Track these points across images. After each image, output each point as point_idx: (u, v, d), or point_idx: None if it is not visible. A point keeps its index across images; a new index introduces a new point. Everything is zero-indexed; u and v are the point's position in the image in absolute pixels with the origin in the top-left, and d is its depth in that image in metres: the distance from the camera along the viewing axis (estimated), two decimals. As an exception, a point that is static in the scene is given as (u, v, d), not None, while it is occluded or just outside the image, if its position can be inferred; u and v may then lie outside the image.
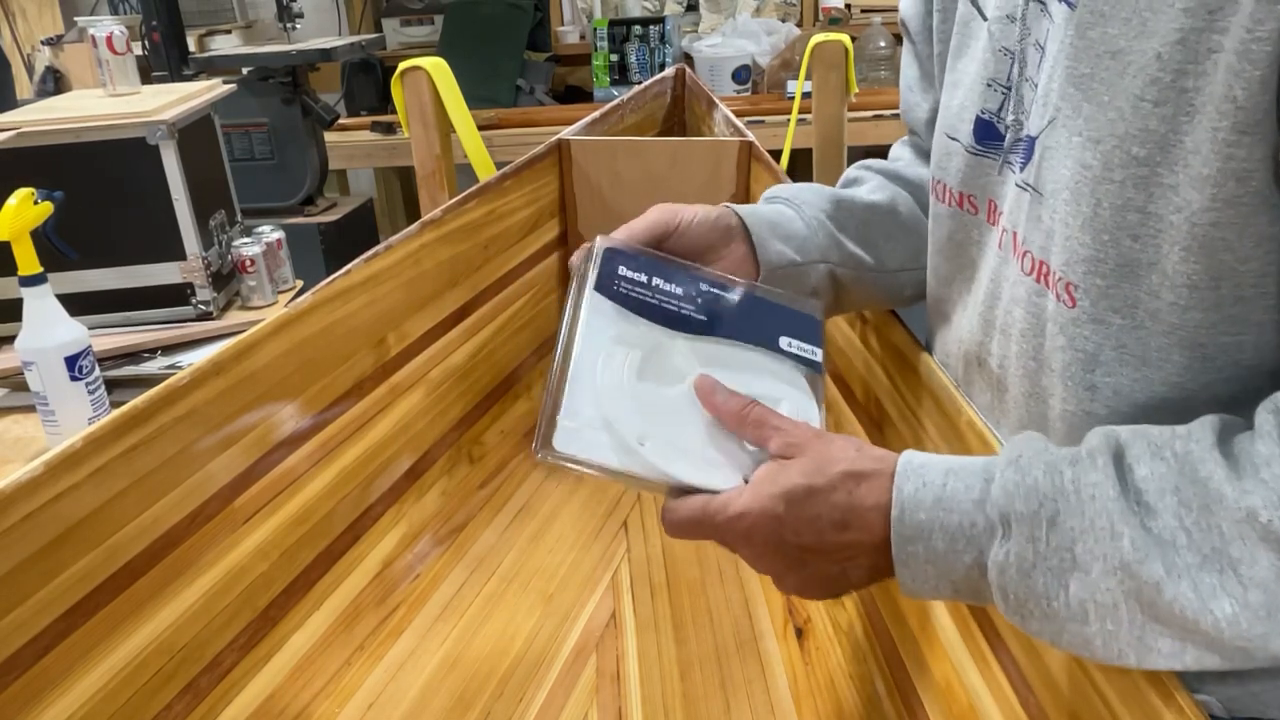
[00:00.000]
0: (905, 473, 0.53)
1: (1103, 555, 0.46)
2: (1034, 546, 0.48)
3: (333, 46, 2.29)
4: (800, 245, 0.75)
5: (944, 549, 0.51)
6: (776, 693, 0.90)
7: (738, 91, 2.81)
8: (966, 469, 0.53)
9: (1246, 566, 0.43)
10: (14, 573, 0.64)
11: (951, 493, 0.52)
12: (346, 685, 0.91)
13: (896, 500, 0.53)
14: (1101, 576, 0.46)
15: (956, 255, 0.72)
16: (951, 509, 0.51)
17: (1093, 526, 0.46)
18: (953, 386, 0.74)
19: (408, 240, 1.08)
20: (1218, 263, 0.49)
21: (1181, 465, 0.46)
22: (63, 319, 1.08)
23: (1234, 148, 0.46)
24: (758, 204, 0.80)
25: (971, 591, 0.52)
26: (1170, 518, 0.45)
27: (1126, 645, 0.47)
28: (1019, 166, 0.61)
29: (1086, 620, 0.47)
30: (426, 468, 1.13)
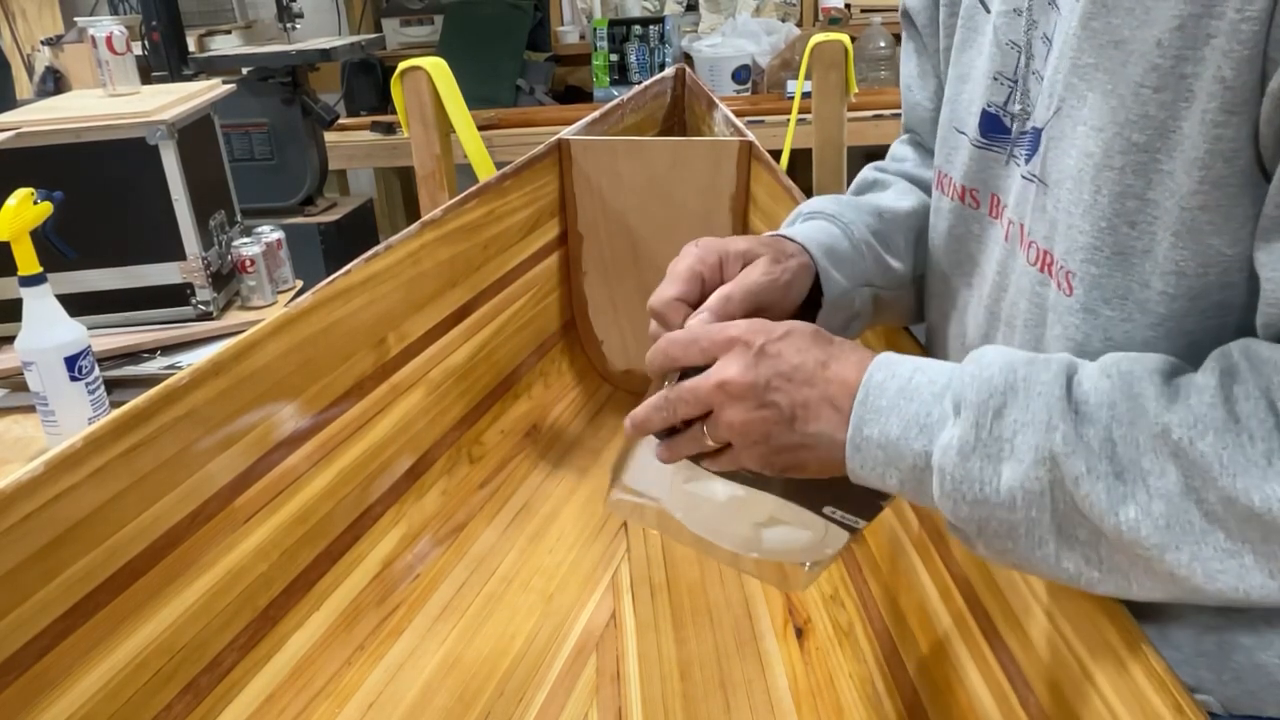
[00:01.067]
0: (879, 363, 0.55)
1: (1035, 446, 0.48)
2: (976, 432, 0.49)
3: (333, 46, 2.29)
4: (850, 271, 0.73)
5: (897, 434, 0.52)
6: (776, 693, 0.90)
7: (738, 91, 2.81)
8: (935, 368, 0.54)
9: (1155, 479, 0.46)
10: (14, 573, 0.64)
11: (916, 385, 0.53)
12: (346, 685, 0.90)
13: (864, 384, 0.54)
14: (1032, 466, 0.48)
15: (955, 249, 0.72)
16: (912, 398, 0.53)
17: (1033, 420, 0.48)
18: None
19: (408, 240, 1.08)
20: (1206, 248, 0.50)
21: (1122, 382, 0.48)
22: (63, 319, 1.08)
23: (1222, 128, 0.47)
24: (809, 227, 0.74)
25: (915, 482, 0.53)
26: (1101, 429, 0.47)
27: (1047, 533, 0.49)
28: (1024, 159, 0.61)
29: (1014, 507, 0.49)
30: (426, 468, 1.13)
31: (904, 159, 0.87)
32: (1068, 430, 0.47)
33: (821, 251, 0.71)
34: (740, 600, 1.03)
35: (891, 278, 0.77)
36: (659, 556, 1.12)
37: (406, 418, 1.10)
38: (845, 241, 0.74)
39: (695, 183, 1.38)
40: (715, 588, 1.06)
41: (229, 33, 2.77)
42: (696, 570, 1.09)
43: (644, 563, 1.11)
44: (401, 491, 1.08)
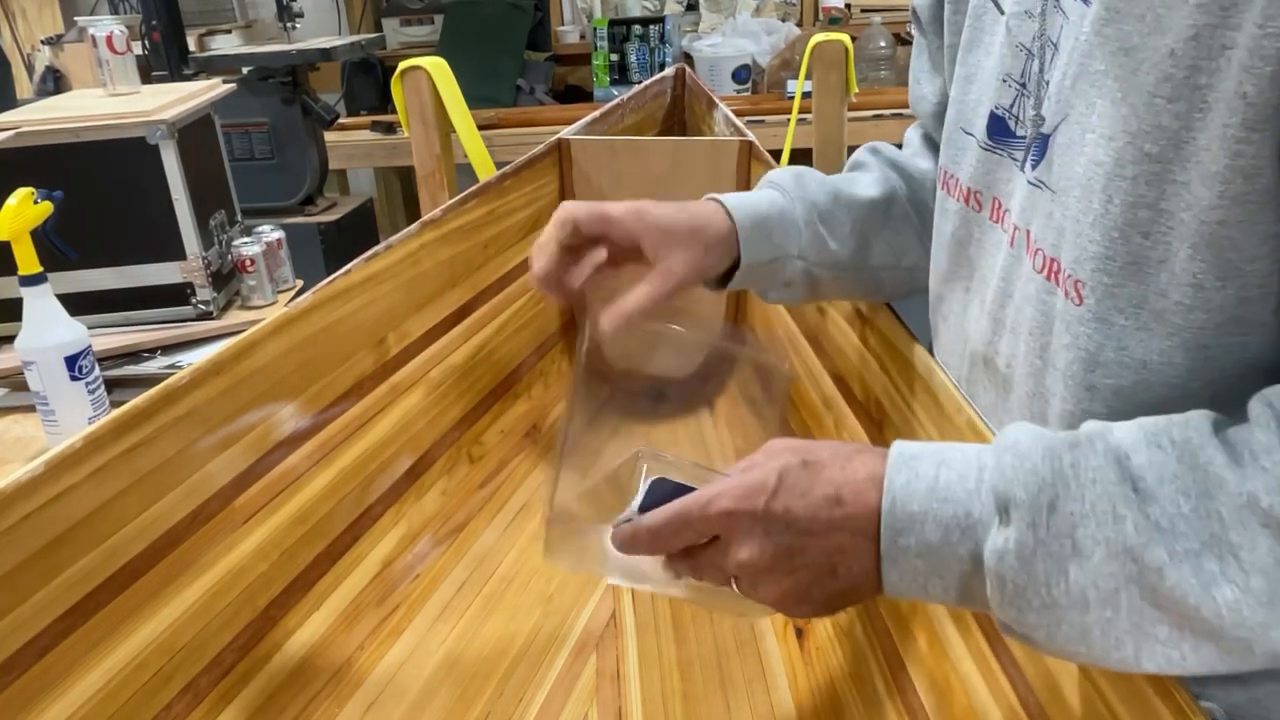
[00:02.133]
0: (897, 463, 0.51)
1: (1104, 540, 0.45)
2: (1034, 532, 0.46)
3: (333, 46, 2.29)
4: (780, 240, 0.78)
5: (938, 540, 0.49)
6: (776, 693, 0.90)
7: (738, 91, 2.81)
8: (959, 458, 0.51)
9: (1247, 552, 0.42)
10: (14, 573, 0.64)
11: (945, 482, 0.50)
12: (346, 685, 0.90)
13: (888, 491, 0.50)
14: (1103, 562, 0.45)
15: (957, 252, 0.72)
16: (946, 499, 0.49)
17: (1094, 511, 0.45)
18: (953, 386, 0.74)
19: (408, 240, 1.08)
20: (1224, 261, 0.49)
21: (1180, 452, 0.45)
22: (63, 319, 1.08)
23: (1242, 144, 0.46)
24: (754, 193, 0.80)
25: (962, 588, 0.50)
26: (1169, 504, 0.44)
27: (1124, 633, 0.45)
28: (1031, 164, 0.61)
29: (1087, 608, 0.46)
30: (426, 468, 1.13)
31: (909, 143, 0.90)
32: (1137, 517, 0.44)
33: (750, 220, 0.76)
34: (740, 600, 1.03)
35: (827, 258, 0.80)
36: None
37: (406, 418, 1.10)
38: (784, 213, 0.78)
39: (695, 183, 1.38)
40: (715, 588, 1.06)
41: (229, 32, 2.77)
42: (696, 570, 1.09)
43: (644, 563, 1.11)
44: (401, 491, 1.08)
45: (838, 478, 0.52)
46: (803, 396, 1.16)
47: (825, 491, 0.52)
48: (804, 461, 0.53)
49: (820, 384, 1.09)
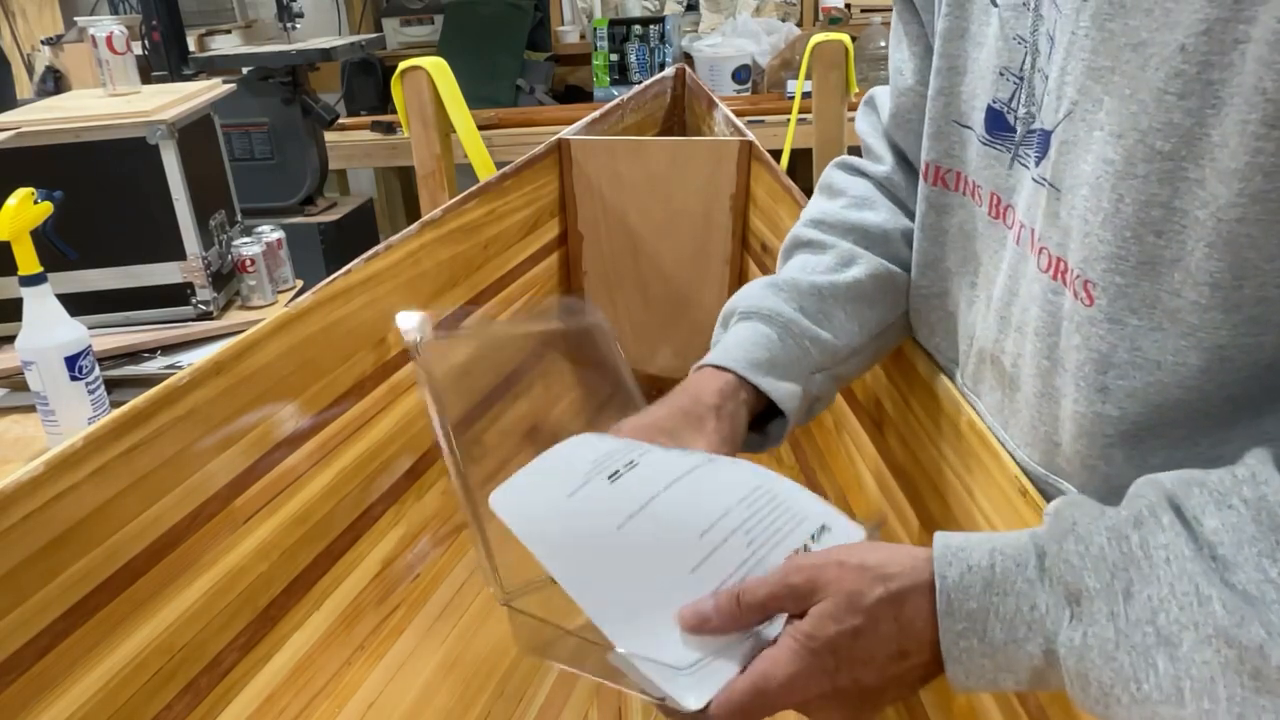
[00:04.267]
0: (945, 558, 0.48)
1: (1192, 624, 0.41)
2: (1114, 624, 0.43)
3: (333, 46, 2.29)
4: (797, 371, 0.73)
5: (1003, 639, 0.46)
6: (776, 693, 0.90)
7: (738, 91, 2.81)
8: (1013, 544, 0.48)
9: None
10: (14, 573, 0.64)
11: (1003, 573, 0.47)
12: (346, 685, 0.90)
13: (941, 589, 0.47)
14: (1194, 649, 0.41)
15: (962, 247, 0.71)
16: (1006, 592, 0.46)
17: (1174, 593, 0.42)
18: (953, 387, 0.74)
19: (408, 240, 1.08)
20: (1242, 260, 0.48)
21: (1256, 513, 0.42)
22: (63, 319, 1.08)
23: (1263, 141, 0.45)
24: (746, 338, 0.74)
25: (1037, 680, 0.47)
26: (1254, 571, 0.40)
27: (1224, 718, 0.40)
28: (1034, 161, 0.60)
29: (1182, 701, 0.41)
30: (426, 468, 1.13)
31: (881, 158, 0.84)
32: (1223, 593, 0.40)
33: (759, 371, 0.71)
34: (740, 600, 1.03)
35: (839, 354, 0.76)
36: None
37: (406, 418, 1.10)
38: (783, 343, 0.73)
39: (695, 183, 1.38)
40: (715, 588, 1.06)
41: (229, 32, 2.77)
42: (696, 570, 1.09)
43: (644, 563, 1.11)
44: (401, 491, 1.08)
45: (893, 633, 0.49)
46: (803, 396, 1.16)
47: (888, 651, 0.49)
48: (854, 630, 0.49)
49: (820, 384, 1.09)
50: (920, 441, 0.80)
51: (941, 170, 0.71)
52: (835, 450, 1.03)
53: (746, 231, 1.38)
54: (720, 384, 0.71)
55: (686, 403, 0.70)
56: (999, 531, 0.50)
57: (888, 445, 0.87)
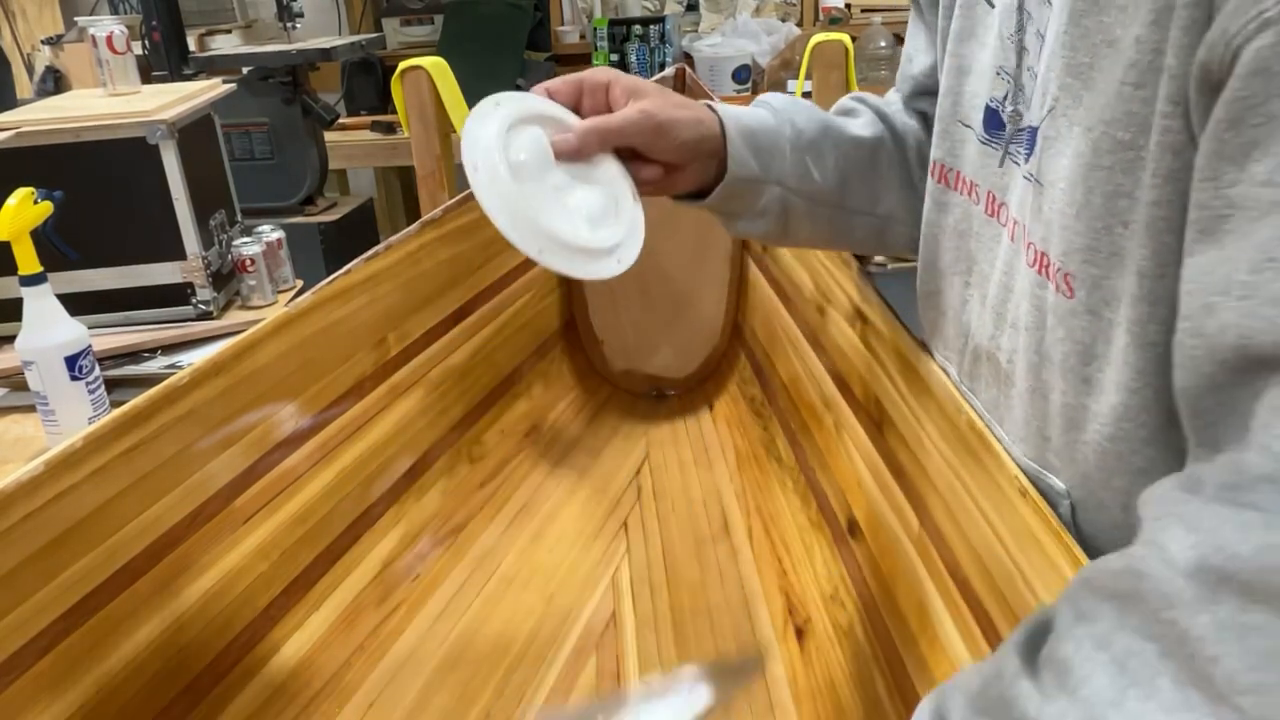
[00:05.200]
0: None
1: None
2: None
3: (333, 46, 2.29)
4: (765, 161, 0.76)
5: None
6: (777, 693, 0.90)
7: (738, 91, 2.81)
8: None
9: None
10: (14, 573, 0.64)
11: None
12: (346, 685, 0.90)
13: None
14: None
15: (957, 245, 0.72)
16: None
17: None
18: (952, 386, 0.74)
19: (408, 240, 1.08)
20: (1162, 245, 0.47)
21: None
22: (63, 319, 1.08)
23: (1169, 119, 0.45)
24: (747, 108, 0.79)
25: None
26: None
27: None
28: (1024, 158, 0.60)
29: None
30: (426, 468, 1.13)
31: (891, 104, 0.89)
32: None
33: (740, 131, 0.74)
34: (740, 600, 1.03)
35: (807, 188, 0.78)
36: (659, 556, 1.12)
37: (406, 418, 1.10)
38: (772, 133, 0.76)
39: (695, 183, 1.38)
40: (715, 588, 1.06)
41: (229, 32, 2.77)
42: (696, 570, 1.09)
43: (644, 563, 1.11)
44: (401, 491, 1.08)
45: None
46: (803, 396, 1.16)
47: None
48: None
49: (820, 384, 1.09)
50: (920, 441, 0.80)
51: (945, 169, 0.72)
52: (835, 450, 1.03)
53: (746, 231, 1.38)
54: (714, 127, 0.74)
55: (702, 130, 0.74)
56: None
57: (888, 445, 0.87)
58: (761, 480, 1.22)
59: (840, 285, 1.02)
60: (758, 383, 1.38)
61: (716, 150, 0.74)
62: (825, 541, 1.03)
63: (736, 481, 1.25)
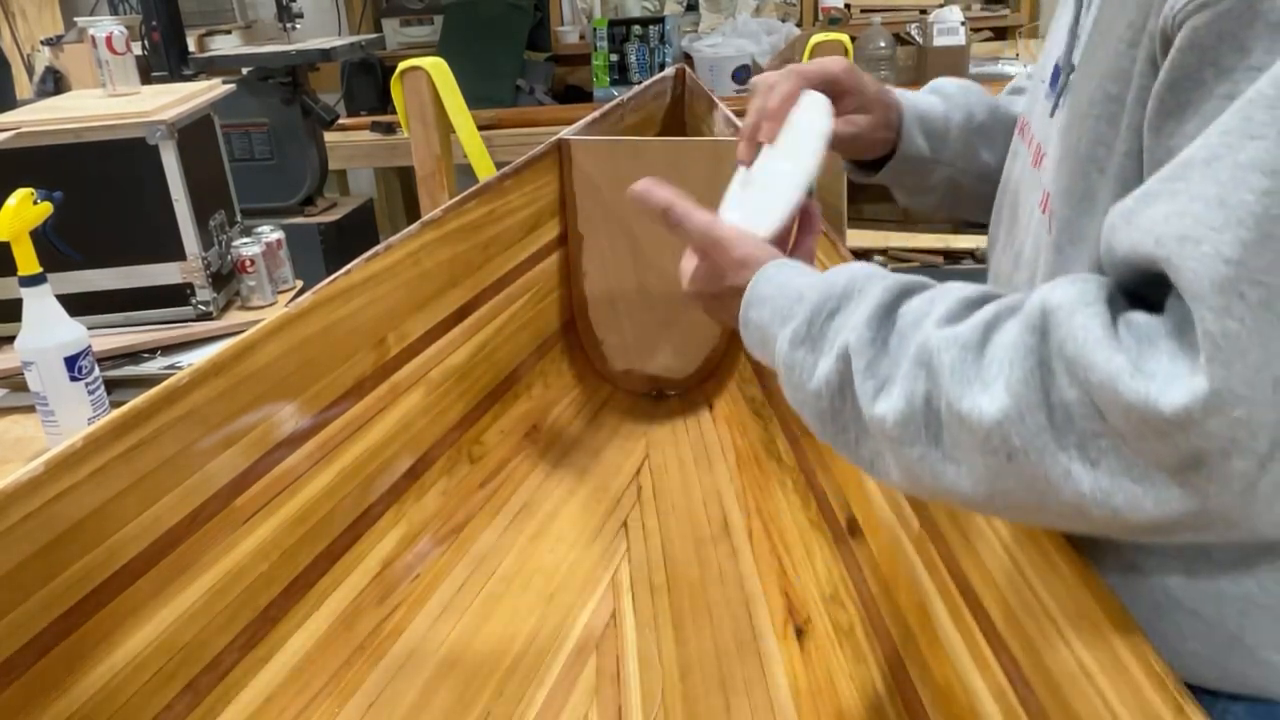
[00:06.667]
0: (775, 264, 0.63)
1: (842, 343, 0.54)
2: (808, 328, 0.56)
3: (333, 46, 2.29)
4: (935, 145, 0.83)
5: (766, 320, 0.60)
6: (776, 693, 0.90)
7: (738, 91, 2.81)
8: (817, 275, 0.60)
9: (907, 382, 0.50)
10: (14, 573, 0.64)
11: (791, 284, 0.61)
12: (346, 685, 0.90)
13: (754, 278, 0.63)
14: (834, 360, 0.54)
15: (1010, 192, 0.75)
16: (783, 293, 0.60)
17: (850, 323, 0.54)
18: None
19: (408, 240, 1.08)
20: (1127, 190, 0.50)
21: (929, 299, 0.53)
22: (63, 319, 1.08)
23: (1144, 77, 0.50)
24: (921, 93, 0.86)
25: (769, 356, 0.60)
26: (894, 336, 0.52)
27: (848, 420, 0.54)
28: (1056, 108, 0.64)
29: (821, 396, 0.55)
30: (426, 468, 1.13)
31: None
32: (865, 333, 0.53)
33: (915, 114, 0.82)
34: (740, 600, 1.03)
35: (976, 167, 0.84)
36: (659, 556, 1.12)
37: (406, 418, 1.10)
38: (942, 119, 0.83)
39: (695, 183, 1.37)
40: (715, 588, 1.06)
41: (229, 33, 2.77)
42: (696, 570, 1.09)
43: (644, 563, 1.11)
44: (401, 491, 1.08)
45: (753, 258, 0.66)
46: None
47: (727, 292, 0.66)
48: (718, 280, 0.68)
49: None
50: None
51: (1023, 123, 0.76)
52: (835, 450, 1.03)
53: (746, 231, 1.38)
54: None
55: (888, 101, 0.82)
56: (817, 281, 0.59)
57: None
58: (761, 480, 1.22)
59: (840, 285, 1.02)
60: (758, 383, 1.38)
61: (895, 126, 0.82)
62: (825, 541, 1.03)
63: (736, 481, 1.25)
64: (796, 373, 0.56)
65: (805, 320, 0.56)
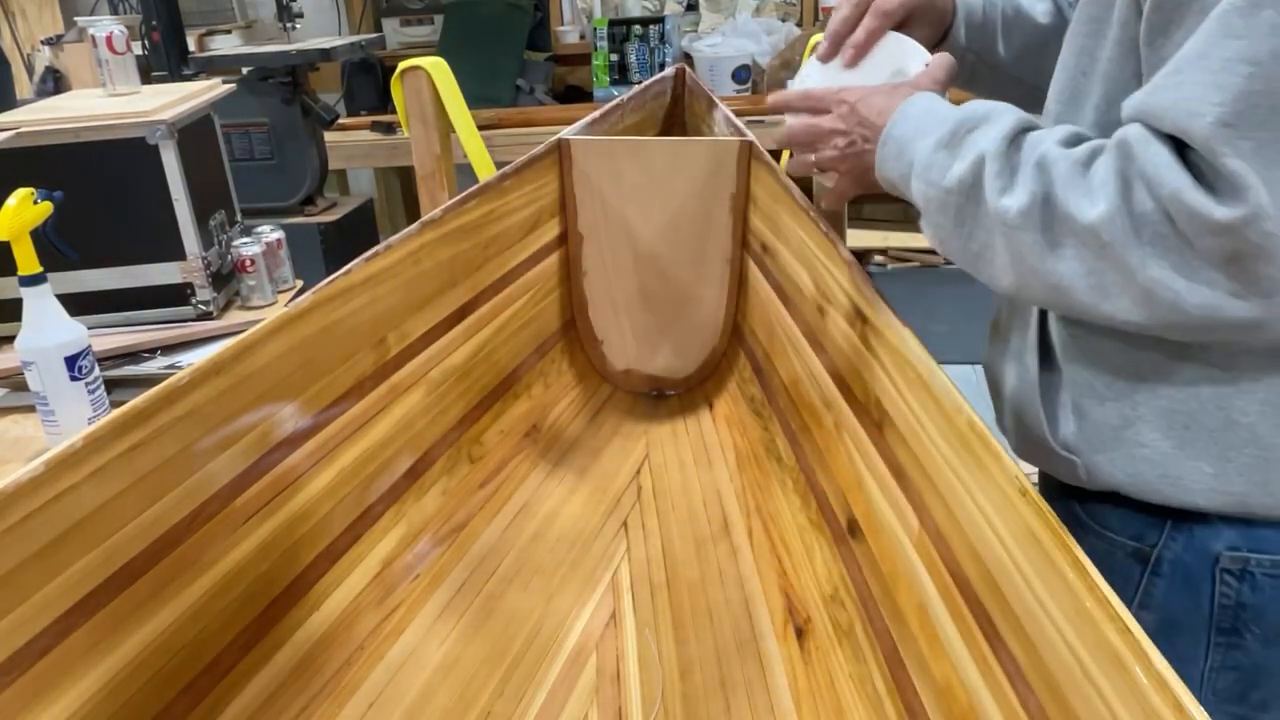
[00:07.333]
0: (919, 96, 0.74)
1: (978, 151, 0.65)
2: (951, 137, 0.67)
3: (333, 46, 2.29)
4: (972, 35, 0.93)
5: (911, 135, 0.71)
6: (776, 693, 0.90)
7: (738, 91, 2.81)
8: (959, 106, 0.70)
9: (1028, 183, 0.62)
10: (14, 573, 0.64)
11: (936, 109, 0.72)
12: (346, 685, 0.91)
13: (900, 107, 0.74)
14: (970, 165, 0.65)
15: None
16: (928, 115, 0.72)
17: (986, 137, 0.65)
18: (953, 386, 0.74)
19: (408, 240, 1.08)
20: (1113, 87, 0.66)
21: (1052, 133, 0.64)
22: (63, 319, 1.08)
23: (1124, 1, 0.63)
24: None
25: (907, 173, 0.71)
26: (1019, 153, 0.63)
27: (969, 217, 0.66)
28: None
29: (952, 191, 0.66)
30: (426, 468, 1.13)
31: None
32: (1000, 145, 0.63)
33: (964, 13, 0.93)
34: (740, 600, 1.03)
35: (991, 58, 0.94)
36: (659, 556, 1.12)
37: (406, 418, 1.10)
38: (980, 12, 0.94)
39: (695, 183, 1.38)
40: (715, 588, 1.06)
41: (229, 33, 2.77)
42: (696, 570, 1.09)
43: (644, 563, 1.11)
44: (401, 491, 1.08)
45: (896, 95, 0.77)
46: (803, 396, 1.16)
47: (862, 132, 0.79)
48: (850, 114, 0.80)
49: (820, 384, 1.09)
50: (920, 441, 0.80)
51: None
52: (835, 450, 1.03)
53: (747, 231, 1.38)
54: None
55: None
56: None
57: (888, 445, 0.87)
58: (761, 480, 1.22)
59: (840, 285, 1.02)
60: (758, 383, 1.38)
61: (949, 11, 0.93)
62: (825, 541, 1.03)
63: (736, 481, 1.25)
64: (935, 171, 0.67)
65: (950, 130, 0.67)
